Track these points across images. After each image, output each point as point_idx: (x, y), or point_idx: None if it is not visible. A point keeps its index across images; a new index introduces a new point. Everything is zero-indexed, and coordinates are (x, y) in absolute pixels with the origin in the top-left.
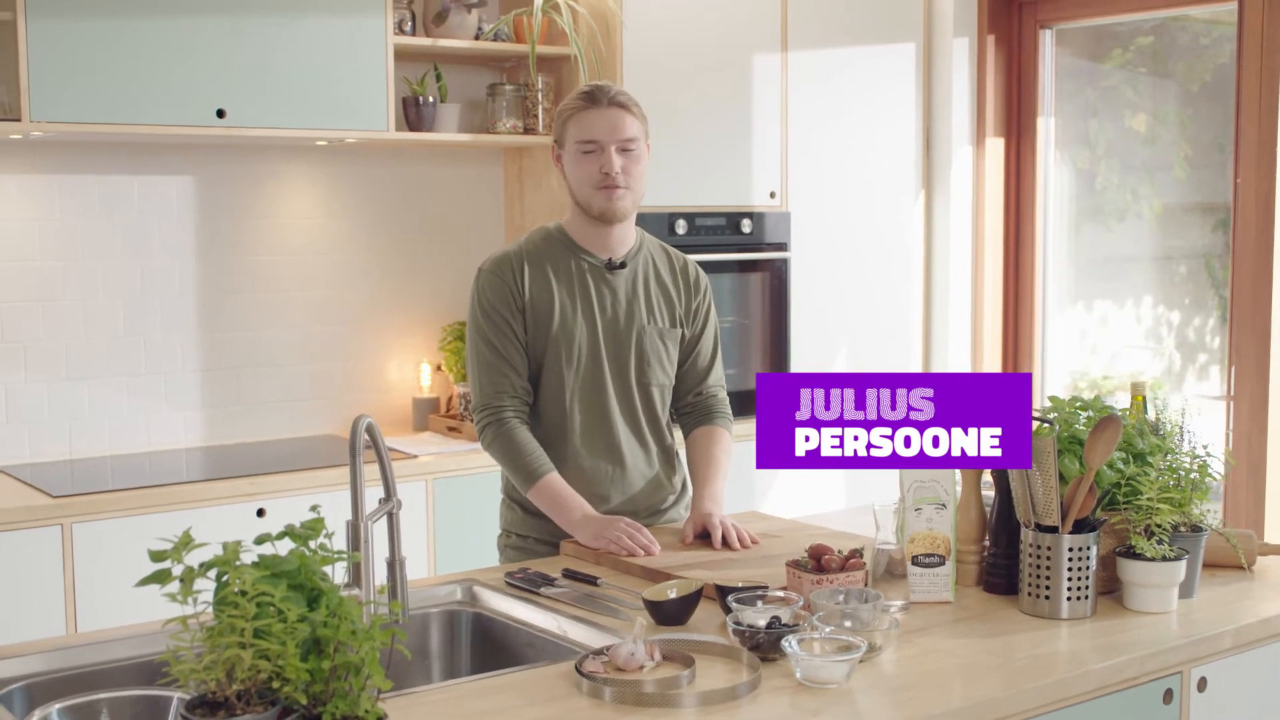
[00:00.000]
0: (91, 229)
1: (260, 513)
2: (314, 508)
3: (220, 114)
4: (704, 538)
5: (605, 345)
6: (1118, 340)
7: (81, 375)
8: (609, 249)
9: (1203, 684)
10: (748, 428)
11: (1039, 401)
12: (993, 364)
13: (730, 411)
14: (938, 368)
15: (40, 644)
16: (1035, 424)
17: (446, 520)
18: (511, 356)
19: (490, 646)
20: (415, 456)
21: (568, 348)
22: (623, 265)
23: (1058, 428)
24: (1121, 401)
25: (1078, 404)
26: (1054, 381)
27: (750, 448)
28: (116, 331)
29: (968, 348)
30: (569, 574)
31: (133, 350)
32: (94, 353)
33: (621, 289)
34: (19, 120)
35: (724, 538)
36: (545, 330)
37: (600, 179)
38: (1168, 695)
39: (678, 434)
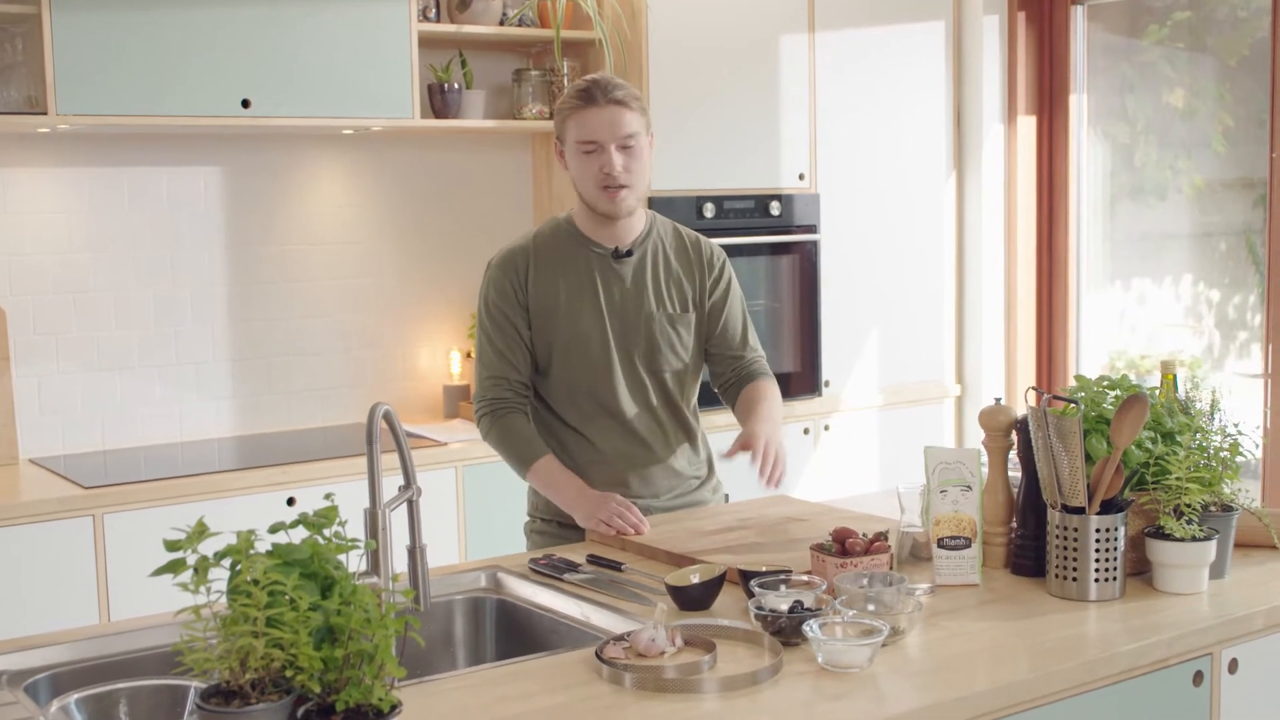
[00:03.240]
0: (121, 221)
1: (291, 501)
2: (328, 496)
3: (245, 104)
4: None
5: (614, 334)
6: (1156, 319)
7: (113, 366)
8: (616, 238)
9: (1234, 665)
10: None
11: (1068, 381)
12: (1027, 345)
13: (771, 372)
14: (971, 348)
15: (67, 634)
16: (1061, 404)
17: (476, 507)
18: (513, 354)
19: (514, 633)
20: (445, 444)
21: (576, 339)
22: (629, 253)
23: (1083, 407)
24: (1157, 380)
25: (1105, 383)
26: (1091, 361)
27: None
28: (147, 322)
29: (1001, 328)
30: (593, 559)
31: (164, 341)
32: (125, 344)
33: (630, 277)
34: (45, 114)
35: (763, 463)
36: (552, 323)
37: (602, 179)
38: (1198, 677)
39: (703, 419)
